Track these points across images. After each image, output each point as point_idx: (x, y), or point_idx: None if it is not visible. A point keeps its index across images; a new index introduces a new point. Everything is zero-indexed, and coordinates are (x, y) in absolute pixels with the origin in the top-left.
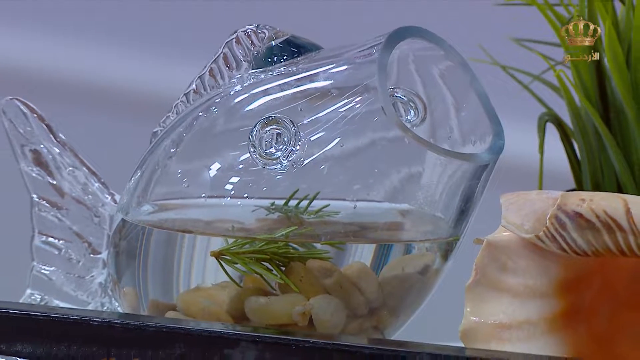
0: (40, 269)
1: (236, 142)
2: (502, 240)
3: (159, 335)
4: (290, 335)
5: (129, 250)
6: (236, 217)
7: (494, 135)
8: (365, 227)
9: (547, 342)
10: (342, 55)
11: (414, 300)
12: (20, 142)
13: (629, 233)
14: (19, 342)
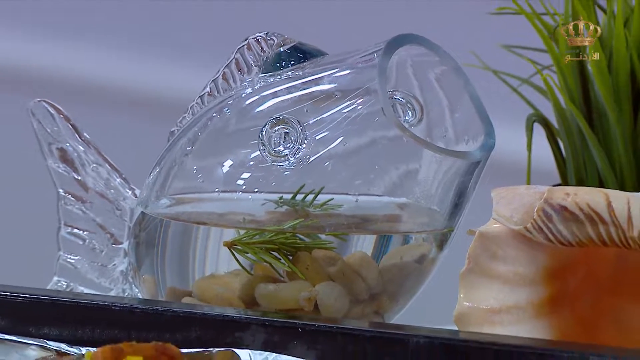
0: (66, 258)
1: (247, 141)
2: (493, 231)
3: (176, 319)
4: (297, 319)
5: (148, 240)
6: (247, 210)
7: (485, 135)
8: (366, 219)
9: (535, 325)
10: (345, 60)
11: (411, 286)
12: (47, 140)
13: (610, 225)
14: (46, 326)
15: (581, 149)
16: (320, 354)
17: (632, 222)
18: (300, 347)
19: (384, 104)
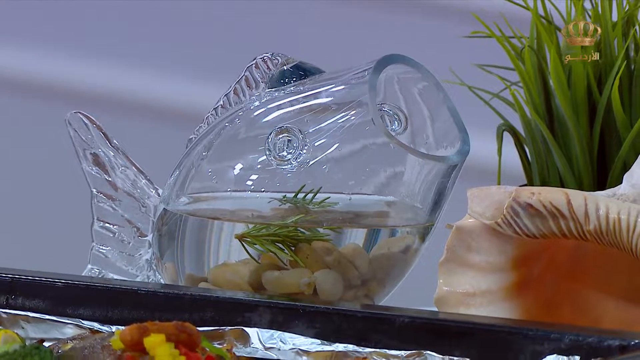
0: (98, 249)
1: (255, 147)
2: (468, 226)
3: (193, 301)
4: (298, 301)
5: (169, 233)
6: (255, 207)
7: (461, 141)
8: (358, 215)
9: (504, 307)
10: (339, 77)
11: (397, 273)
12: (82, 147)
13: (569, 220)
14: (81, 307)
15: (544, 154)
16: (319, 331)
17: (588, 218)
18: (301, 325)
19: (373, 115)
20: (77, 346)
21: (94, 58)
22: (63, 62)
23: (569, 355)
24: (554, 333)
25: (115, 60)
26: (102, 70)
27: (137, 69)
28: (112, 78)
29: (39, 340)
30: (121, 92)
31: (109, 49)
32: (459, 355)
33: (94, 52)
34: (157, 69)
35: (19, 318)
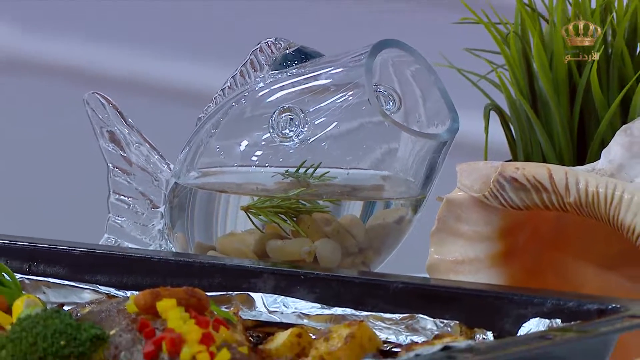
0: (114, 219)
1: (260, 125)
2: (457, 198)
3: (202, 268)
4: (300, 268)
5: (180, 205)
6: (260, 181)
7: (451, 120)
8: (355, 188)
9: (491, 273)
10: (338, 60)
11: (392, 243)
12: (99, 125)
13: (551, 193)
14: (98, 274)
15: (528, 131)
16: (318, 296)
17: (569, 190)
18: (302, 290)
19: (369, 96)
20: (94, 310)
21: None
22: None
23: (550, 318)
24: (536, 298)
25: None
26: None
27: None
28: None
29: (59, 305)
30: (136, 75)
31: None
32: (448, 318)
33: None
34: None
35: (40, 284)
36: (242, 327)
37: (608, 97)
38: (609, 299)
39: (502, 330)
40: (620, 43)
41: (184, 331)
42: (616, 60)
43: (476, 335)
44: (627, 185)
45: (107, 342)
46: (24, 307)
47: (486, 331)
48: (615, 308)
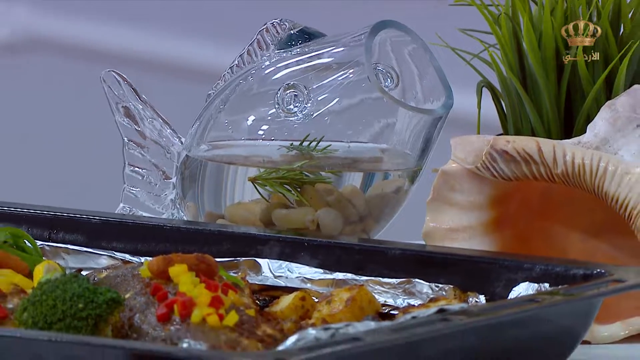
0: (129, 190)
1: (266, 101)
2: (451, 170)
3: (212, 236)
4: (304, 236)
5: (191, 176)
6: (266, 154)
7: (445, 97)
8: (356, 160)
9: (483, 240)
10: (340, 40)
11: (390, 211)
12: (115, 101)
13: (540, 164)
14: (114, 241)
15: (518, 107)
16: (321, 262)
17: (556, 162)
18: (306, 257)
19: (369, 73)
20: (110, 275)
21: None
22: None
23: (539, 282)
24: (526, 263)
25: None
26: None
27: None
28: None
29: (77, 270)
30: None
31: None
32: (443, 282)
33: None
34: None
35: (59, 250)
36: (249, 291)
37: (593, 75)
38: (594, 264)
39: (493, 294)
40: (604, 23)
41: (195, 295)
42: (601, 40)
43: (469, 299)
44: (611, 158)
45: (123, 304)
46: (45, 272)
47: (479, 295)
48: (600, 273)
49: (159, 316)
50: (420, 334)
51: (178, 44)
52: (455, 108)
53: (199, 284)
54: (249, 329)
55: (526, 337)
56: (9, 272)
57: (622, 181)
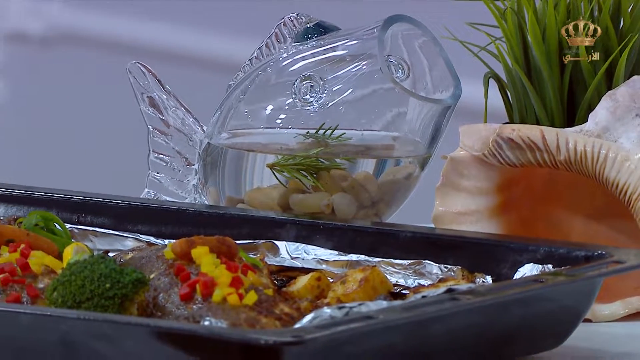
0: (154, 175)
1: (283, 91)
2: (460, 156)
3: (232, 220)
4: (319, 219)
5: (212, 163)
6: (283, 141)
7: (454, 87)
8: (369, 148)
9: (490, 224)
10: (353, 33)
11: (401, 196)
12: (140, 91)
13: (544, 152)
14: (139, 224)
15: (523, 97)
16: (336, 244)
17: (559, 149)
18: (321, 239)
19: (381, 65)
20: (135, 256)
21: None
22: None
23: (543, 264)
24: (530, 245)
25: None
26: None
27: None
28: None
29: (104, 251)
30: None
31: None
32: (452, 263)
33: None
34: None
35: (88, 233)
36: (267, 271)
37: (595, 66)
38: (595, 246)
39: (499, 275)
40: (605, 17)
41: (216, 275)
42: (602, 33)
43: (476, 279)
44: (611, 145)
45: (147, 284)
46: (73, 253)
47: (485, 275)
48: (601, 254)
49: (181, 296)
50: (430, 313)
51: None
52: (463, 98)
53: (220, 265)
54: (268, 308)
55: (531, 315)
56: (39, 253)
57: (622, 167)
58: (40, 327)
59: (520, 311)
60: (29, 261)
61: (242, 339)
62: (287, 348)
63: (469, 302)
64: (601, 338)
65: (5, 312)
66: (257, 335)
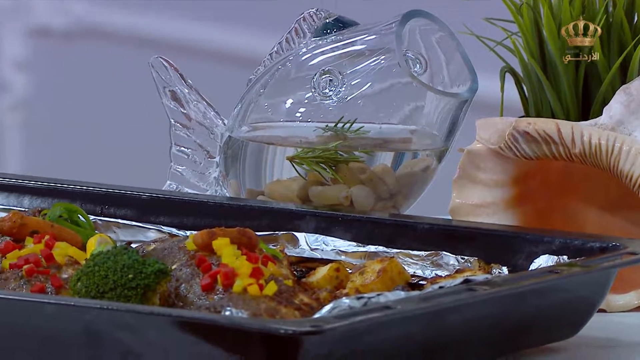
0: (176, 168)
1: (303, 85)
2: (476, 149)
3: (252, 211)
4: (338, 211)
5: (233, 155)
6: (303, 134)
7: (471, 81)
8: (387, 141)
9: (506, 216)
10: (372, 28)
11: (419, 189)
12: (162, 85)
13: (559, 145)
14: (161, 215)
15: (538, 91)
16: (354, 235)
17: (574, 142)
18: (340, 231)
19: (399, 59)
20: (158, 247)
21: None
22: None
23: (558, 255)
24: (546, 237)
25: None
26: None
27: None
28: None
29: (127, 242)
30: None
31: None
32: (468, 254)
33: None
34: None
35: (111, 224)
36: (287, 262)
37: (609, 61)
38: (609, 237)
39: (515, 266)
40: (620, 13)
41: (237, 266)
42: (616, 28)
43: (493, 270)
44: (625, 138)
45: (169, 275)
46: (97, 244)
47: (502, 266)
48: (615, 246)
49: (203, 286)
50: (447, 303)
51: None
52: (480, 92)
53: (241, 256)
54: (287, 298)
55: (546, 306)
56: (63, 244)
57: (635, 160)
58: (64, 317)
59: (535, 301)
60: (53, 252)
61: (262, 328)
62: (307, 338)
63: (486, 292)
64: (616, 328)
65: (30, 302)
66: (277, 325)
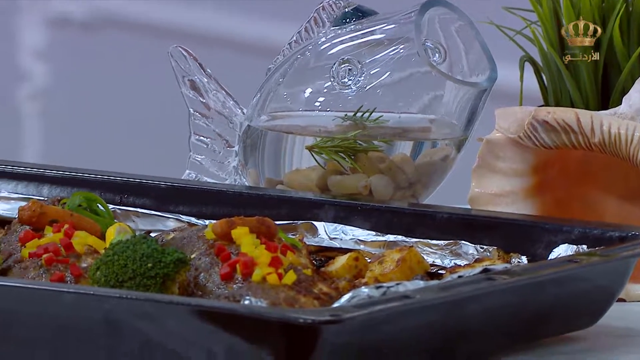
0: (195, 157)
1: (322, 75)
2: (495, 139)
3: (271, 200)
4: (357, 200)
5: (252, 145)
6: (322, 124)
7: (490, 70)
8: (406, 130)
9: (525, 205)
10: (391, 17)
11: (438, 178)
12: (181, 74)
13: (578, 134)
14: (180, 204)
15: (558, 80)
16: (373, 225)
17: (594, 132)
18: (359, 220)
19: (418, 49)
20: (177, 236)
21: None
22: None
23: (577, 244)
24: (565, 226)
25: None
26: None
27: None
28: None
29: (147, 232)
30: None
31: None
32: (487, 244)
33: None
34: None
35: (130, 213)
36: (306, 251)
37: (629, 50)
38: (629, 227)
39: (534, 255)
40: (637, 3)
41: (256, 255)
42: (636, 17)
43: (512, 259)
44: None
45: (189, 264)
46: (116, 233)
47: (521, 255)
48: (634, 235)
49: (222, 275)
50: (466, 292)
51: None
52: (499, 81)
53: (260, 245)
54: (306, 287)
55: (565, 295)
56: (83, 233)
57: None
58: (83, 306)
59: (555, 291)
60: (73, 241)
61: (281, 317)
62: (326, 327)
63: (505, 282)
64: (635, 317)
65: (50, 291)
66: (296, 315)
